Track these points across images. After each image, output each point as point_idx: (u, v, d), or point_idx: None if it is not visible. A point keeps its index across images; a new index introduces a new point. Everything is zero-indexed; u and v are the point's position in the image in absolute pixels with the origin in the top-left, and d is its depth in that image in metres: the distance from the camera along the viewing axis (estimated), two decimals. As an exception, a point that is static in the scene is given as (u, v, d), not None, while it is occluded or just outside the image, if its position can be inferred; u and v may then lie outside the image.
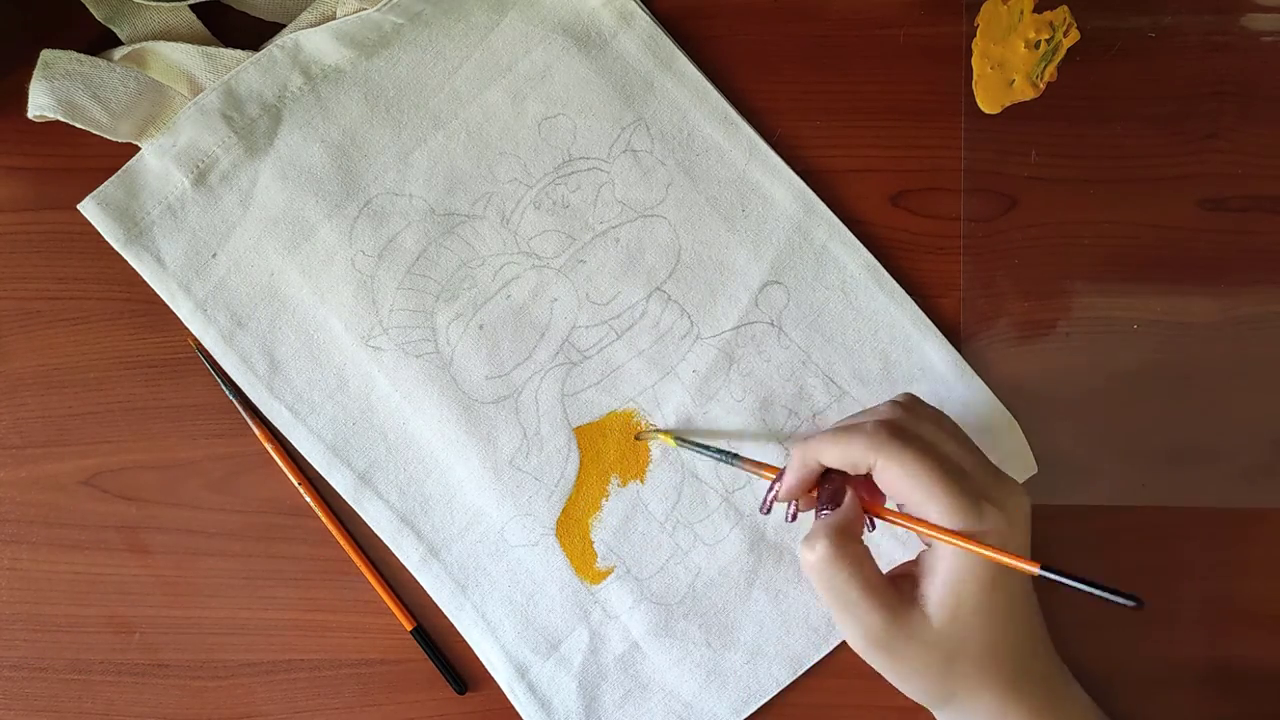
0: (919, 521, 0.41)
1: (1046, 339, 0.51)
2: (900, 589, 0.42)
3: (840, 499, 0.43)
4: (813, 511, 0.44)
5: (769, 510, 0.45)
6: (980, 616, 0.41)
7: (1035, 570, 0.38)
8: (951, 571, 0.41)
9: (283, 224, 0.50)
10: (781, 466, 0.45)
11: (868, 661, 0.42)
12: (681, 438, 0.49)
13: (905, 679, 0.42)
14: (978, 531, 0.40)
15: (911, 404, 0.44)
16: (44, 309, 0.51)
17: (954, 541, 0.40)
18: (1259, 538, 0.51)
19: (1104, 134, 0.51)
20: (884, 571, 0.42)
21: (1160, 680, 0.51)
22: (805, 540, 0.42)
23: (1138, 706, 0.50)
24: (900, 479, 0.41)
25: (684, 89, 0.51)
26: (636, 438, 0.50)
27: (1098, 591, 0.36)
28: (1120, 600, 0.36)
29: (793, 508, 0.45)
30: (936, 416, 0.44)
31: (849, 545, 0.41)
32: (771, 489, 0.45)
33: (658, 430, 0.50)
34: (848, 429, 0.42)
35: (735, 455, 0.47)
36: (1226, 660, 0.51)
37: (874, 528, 0.45)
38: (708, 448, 0.48)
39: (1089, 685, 0.50)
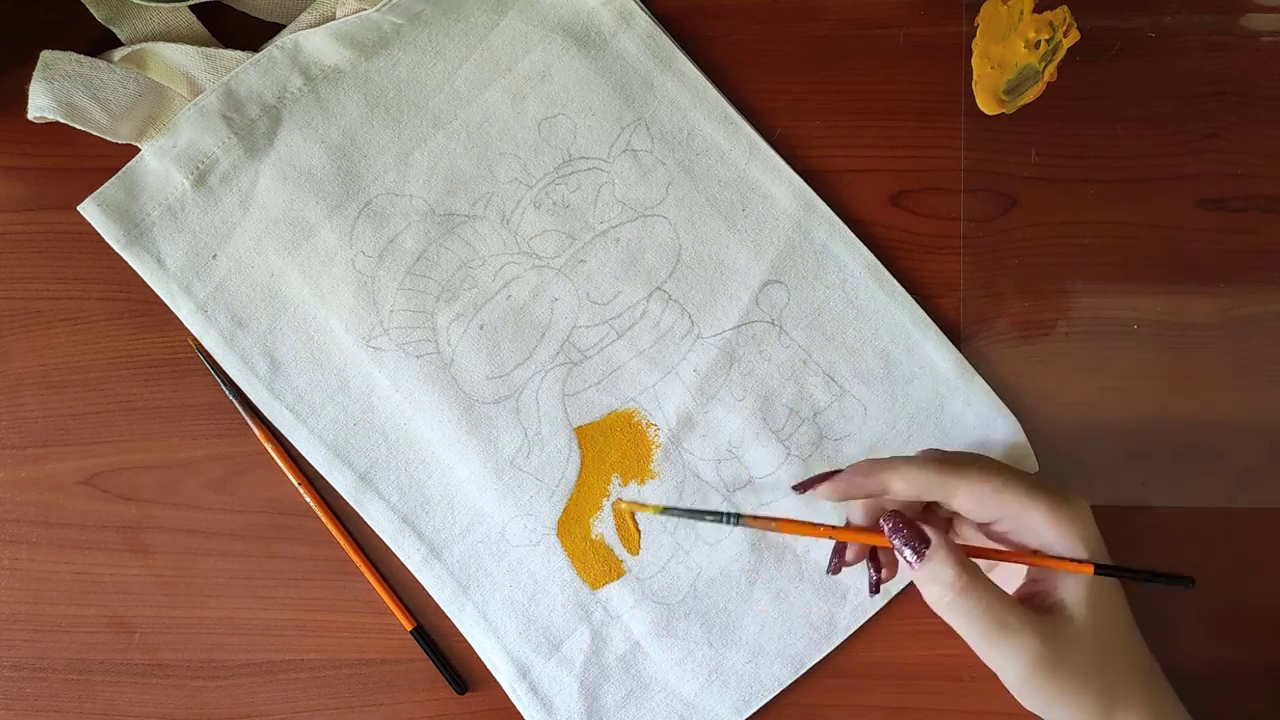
0: (1026, 555, 0.41)
1: (1046, 339, 0.51)
2: (1034, 605, 0.41)
3: (920, 532, 0.40)
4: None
5: (838, 571, 0.44)
6: (1120, 613, 0.41)
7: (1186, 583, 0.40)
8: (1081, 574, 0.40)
9: (283, 225, 0.50)
10: (782, 517, 0.42)
11: (1029, 692, 0.40)
12: (669, 507, 0.43)
13: (1072, 697, 0.40)
14: (1086, 518, 0.40)
15: (944, 449, 0.44)
16: (44, 309, 0.51)
17: (1073, 567, 0.40)
18: (1259, 538, 0.51)
19: (1104, 134, 0.51)
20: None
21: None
22: (932, 581, 0.40)
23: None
24: (991, 495, 0.40)
25: (684, 88, 0.51)
26: (621, 506, 0.49)
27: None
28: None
29: (838, 563, 0.44)
30: (975, 452, 0.44)
31: (976, 570, 0.40)
32: (837, 549, 0.43)
33: (643, 505, 0.46)
34: (917, 459, 0.41)
35: (738, 515, 0.42)
36: (1226, 660, 0.51)
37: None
38: (704, 513, 0.42)
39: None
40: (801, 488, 0.44)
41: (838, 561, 0.45)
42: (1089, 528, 0.41)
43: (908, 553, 0.40)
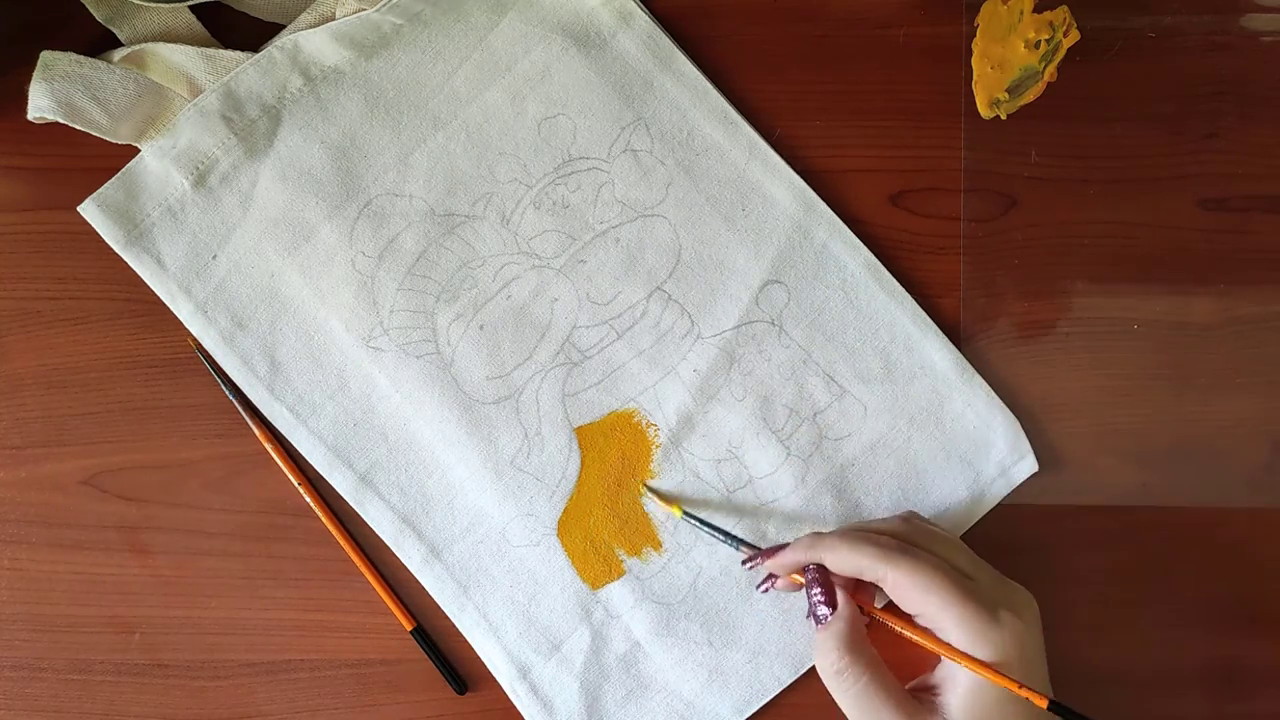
0: (933, 640, 0.43)
1: (1046, 339, 0.51)
2: (920, 700, 0.43)
3: (832, 597, 0.45)
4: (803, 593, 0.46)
5: (766, 590, 0.48)
6: None
7: (1044, 703, 0.40)
8: (973, 682, 0.42)
9: (283, 225, 0.50)
10: (778, 545, 0.47)
11: None
12: (689, 513, 0.49)
13: None
14: (995, 640, 0.41)
15: (919, 522, 0.46)
16: (44, 309, 0.51)
17: (967, 663, 0.41)
18: (1259, 538, 0.51)
19: (1104, 134, 0.51)
20: (905, 685, 0.44)
21: (1161, 680, 0.51)
22: (819, 650, 0.43)
23: (1139, 706, 0.50)
24: (915, 590, 0.42)
25: (683, 89, 0.51)
26: (645, 489, 0.50)
27: None
28: None
29: (768, 584, 0.48)
30: (944, 534, 0.46)
31: (862, 652, 0.43)
32: (764, 569, 0.47)
33: (663, 498, 0.50)
34: (858, 537, 0.44)
35: (740, 540, 0.48)
36: (1226, 660, 0.51)
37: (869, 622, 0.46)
38: (715, 529, 0.49)
39: (1092, 686, 0.50)
40: (752, 559, 0.48)
41: (766, 585, 0.48)
42: (1002, 648, 0.41)
43: (816, 609, 0.45)
